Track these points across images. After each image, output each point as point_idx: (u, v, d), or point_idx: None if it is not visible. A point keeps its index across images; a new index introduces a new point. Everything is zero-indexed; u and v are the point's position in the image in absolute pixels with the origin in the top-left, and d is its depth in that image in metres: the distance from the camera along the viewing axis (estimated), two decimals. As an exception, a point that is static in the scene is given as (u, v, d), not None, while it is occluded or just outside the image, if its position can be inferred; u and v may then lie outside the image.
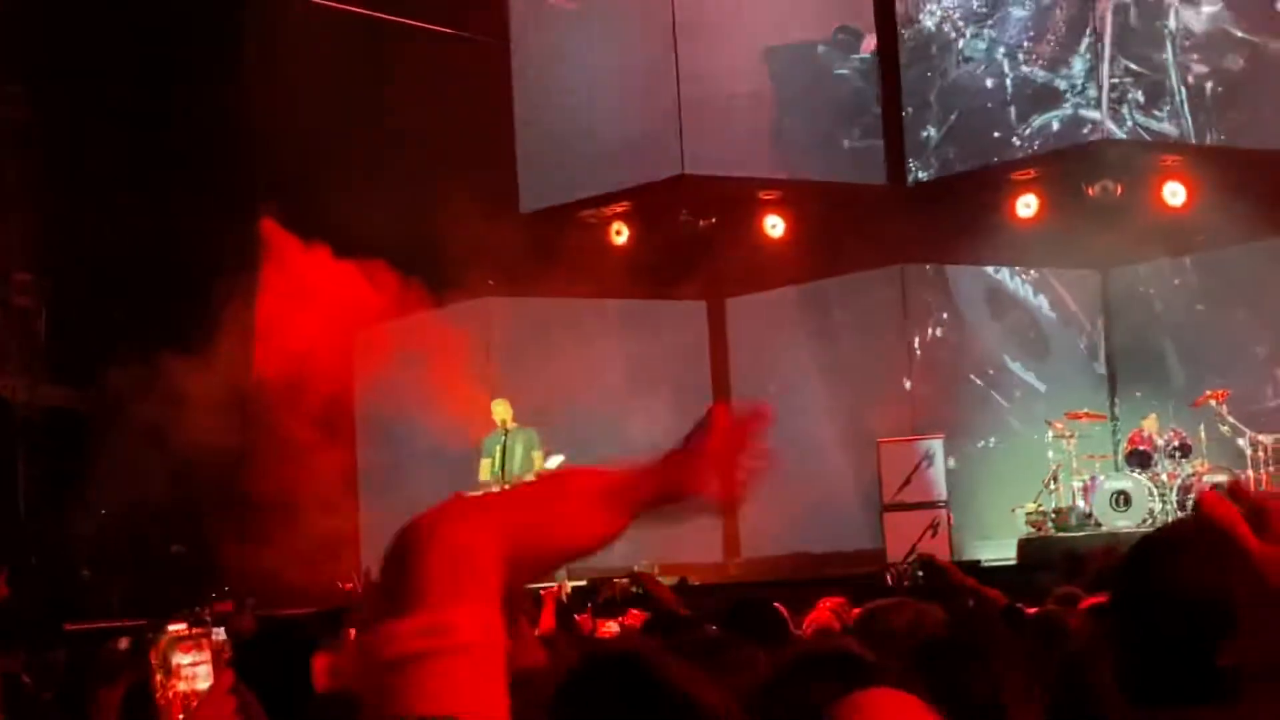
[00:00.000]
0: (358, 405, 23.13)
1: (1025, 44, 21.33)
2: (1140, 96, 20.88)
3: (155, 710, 4.06)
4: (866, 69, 22.51)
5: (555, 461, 19.21)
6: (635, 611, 7.49)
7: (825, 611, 8.82)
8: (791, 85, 22.19)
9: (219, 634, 4.26)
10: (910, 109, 22.21)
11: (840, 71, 22.47)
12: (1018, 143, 21.50)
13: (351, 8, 21.09)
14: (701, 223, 22.13)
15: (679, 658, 3.17)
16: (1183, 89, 20.85)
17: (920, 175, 22.26)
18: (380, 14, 21.15)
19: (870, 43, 22.38)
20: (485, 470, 19.36)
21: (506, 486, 19.00)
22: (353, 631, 8.04)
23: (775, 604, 7.45)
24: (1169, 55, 20.90)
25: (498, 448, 19.28)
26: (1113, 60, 20.76)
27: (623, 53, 22.15)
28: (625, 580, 7.70)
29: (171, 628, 4.27)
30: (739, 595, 13.05)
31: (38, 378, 21.39)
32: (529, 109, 22.69)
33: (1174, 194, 20.87)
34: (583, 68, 22.24)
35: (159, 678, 4.08)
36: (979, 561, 19.56)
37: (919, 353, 22.64)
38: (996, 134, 21.72)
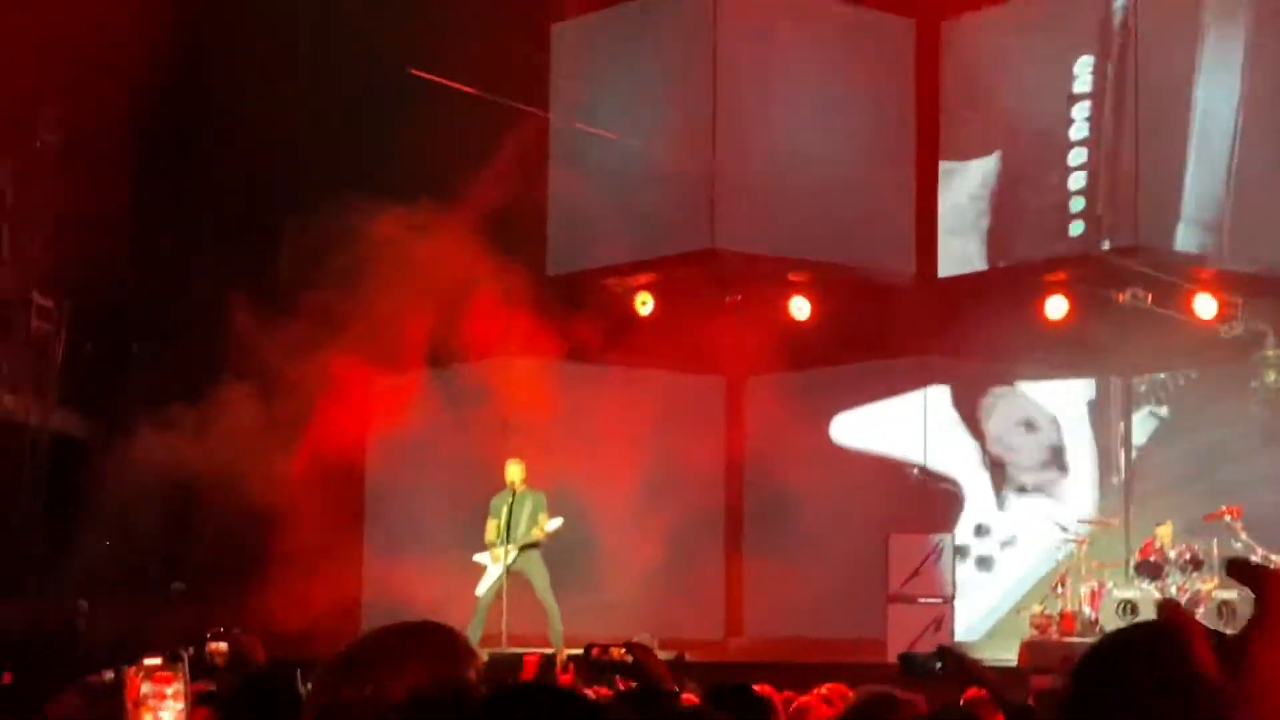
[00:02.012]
0: (369, 455, 23.06)
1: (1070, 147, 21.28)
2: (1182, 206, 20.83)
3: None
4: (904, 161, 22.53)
5: (554, 525, 19.08)
6: (622, 680, 7.36)
7: (815, 697, 8.74)
8: (830, 169, 22.13)
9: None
10: (947, 199, 22.23)
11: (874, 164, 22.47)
12: (1051, 243, 21.44)
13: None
14: (727, 299, 22.10)
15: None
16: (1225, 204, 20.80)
17: (950, 269, 22.22)
18: (424, 74, 21.14)
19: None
20: (491, 531, 19.22)
21: (508, 546, 18.89)
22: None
23: (761, 688, 7.39)
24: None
25: (505, 508, 19.13)
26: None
27: (660, 122, 22.15)
28: (620, 649, 7.57)
29: (147, 661, 4.23)
30: (733, 675, 12.92)
31: (50, 403, 21.35)
32: (563, 174, 22.69)
33: (1204, 306, 20.79)
34: (619, 136, 22.23)
35: (128, 708, 4.06)
36: (980, 661, 19.38)
37: (935, 445, 22.54)
38: (1030, 232, 21.66)
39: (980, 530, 22.69)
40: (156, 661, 4.18)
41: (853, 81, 22.48)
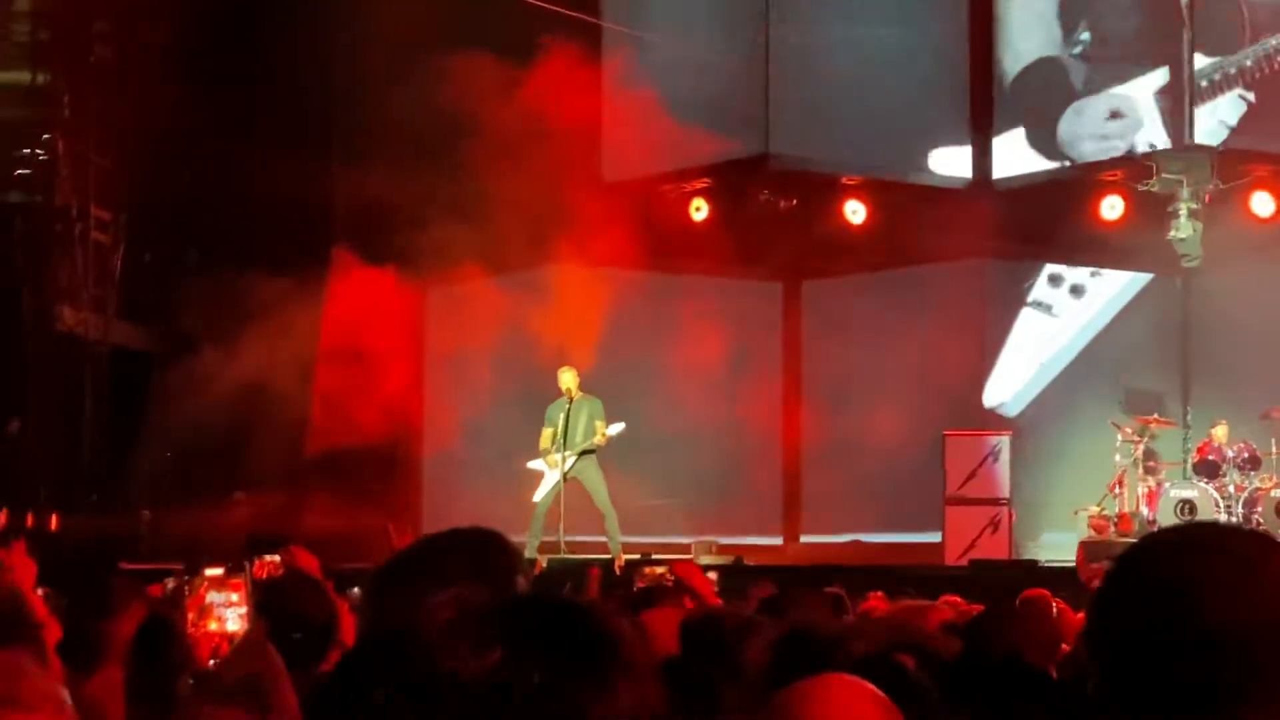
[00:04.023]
0: (427, 362, 23.14)
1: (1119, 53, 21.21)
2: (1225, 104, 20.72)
3: (176, 645, 4.12)
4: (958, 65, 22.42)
5: (616, 429, 19.07)
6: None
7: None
8: (881, 75, 22.03)
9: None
10: (999, 106, 22.14)
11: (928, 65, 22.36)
12: (1104, 146, 21.36)
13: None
14: (782, 204, 22.04)
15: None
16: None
17: (1007, 172, 22.14)
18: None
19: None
20: (546, 438, 19.24)
21: (565, 453, 18.93)
22: None
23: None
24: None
25: (561, 415, 19.15)
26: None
27: (713, 28, 22.07)
28: (662, 570, 7.64)
29: (209, 571, 4.30)
30: (792, 579, 12.98)
31: (109, 316, 21.44)
32: (616, 80, 22.61)
33: (1263, 204, 20.68)
34: (673, 41, 22.15)
35: (192, 616, 4.13)
36: (1036, 562, 19.47)
37: (992, 347, 22.51)
38: (1084, 136, 21.57)
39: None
40: (219, 571, 4.25)
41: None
